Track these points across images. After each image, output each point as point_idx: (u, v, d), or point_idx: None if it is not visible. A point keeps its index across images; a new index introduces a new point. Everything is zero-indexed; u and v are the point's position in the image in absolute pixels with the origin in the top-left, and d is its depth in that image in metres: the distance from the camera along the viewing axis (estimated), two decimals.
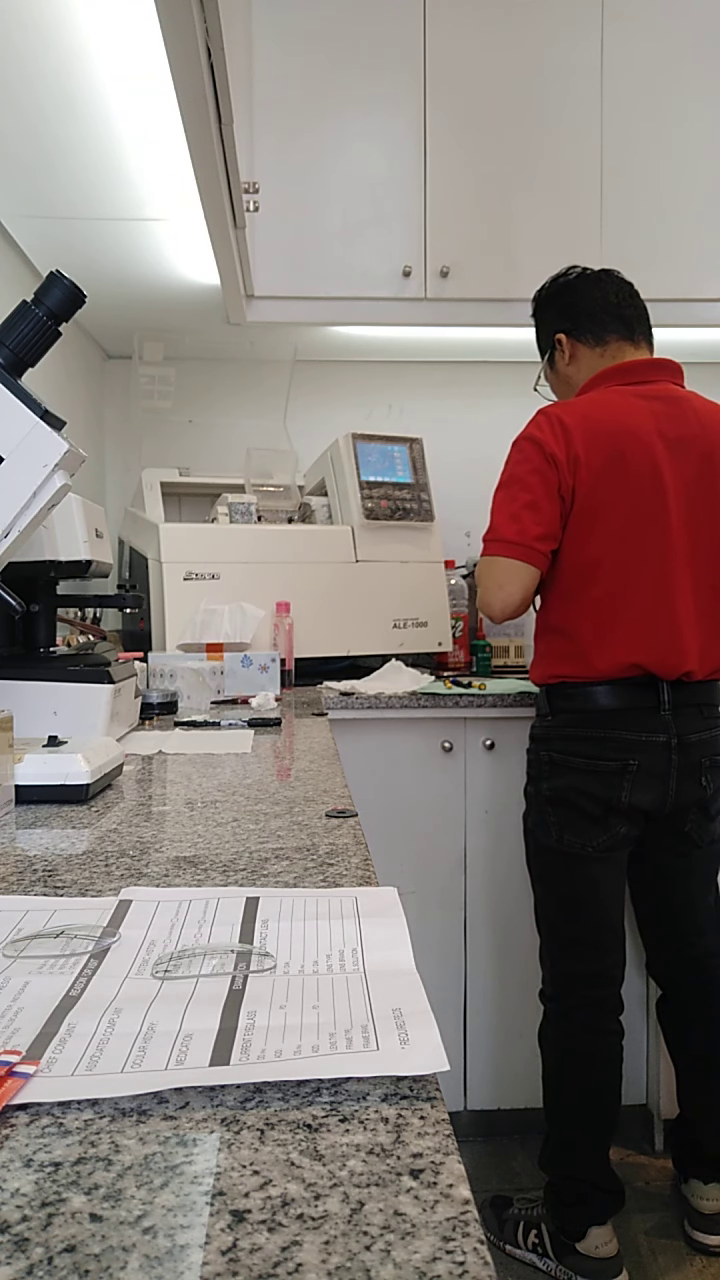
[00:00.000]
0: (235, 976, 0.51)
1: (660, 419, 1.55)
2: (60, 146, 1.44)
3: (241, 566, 2.07)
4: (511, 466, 1.58)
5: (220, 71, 1.24)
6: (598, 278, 1.70)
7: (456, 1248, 0.30)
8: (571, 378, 1.71)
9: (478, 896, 1.99)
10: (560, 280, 1.74)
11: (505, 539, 1.54)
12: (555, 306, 1.73)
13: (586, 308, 1.68)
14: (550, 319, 1.74)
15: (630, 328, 1.67)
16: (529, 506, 1.53)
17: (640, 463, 1.52)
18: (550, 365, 1.76)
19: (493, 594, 1.55)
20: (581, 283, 1.71)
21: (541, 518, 1.53)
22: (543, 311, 1.77)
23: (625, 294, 1.69)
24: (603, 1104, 1.61)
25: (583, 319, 1.68)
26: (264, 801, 0.95)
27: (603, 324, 1.66)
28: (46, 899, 0.65)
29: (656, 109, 2.30)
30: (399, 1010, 0.46)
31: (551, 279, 1.76)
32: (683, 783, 1.54)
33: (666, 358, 1.66)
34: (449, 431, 2.68)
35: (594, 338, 1.67)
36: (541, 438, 1.54)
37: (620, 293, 1.68)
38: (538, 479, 1.53)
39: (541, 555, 1.53)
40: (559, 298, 1.73)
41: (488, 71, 2.27)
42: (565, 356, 1.71)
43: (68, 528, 1.30)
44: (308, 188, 2.25)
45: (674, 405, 1.58)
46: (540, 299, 1.78)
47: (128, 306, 2.25)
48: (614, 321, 1.66)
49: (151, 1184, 0.34)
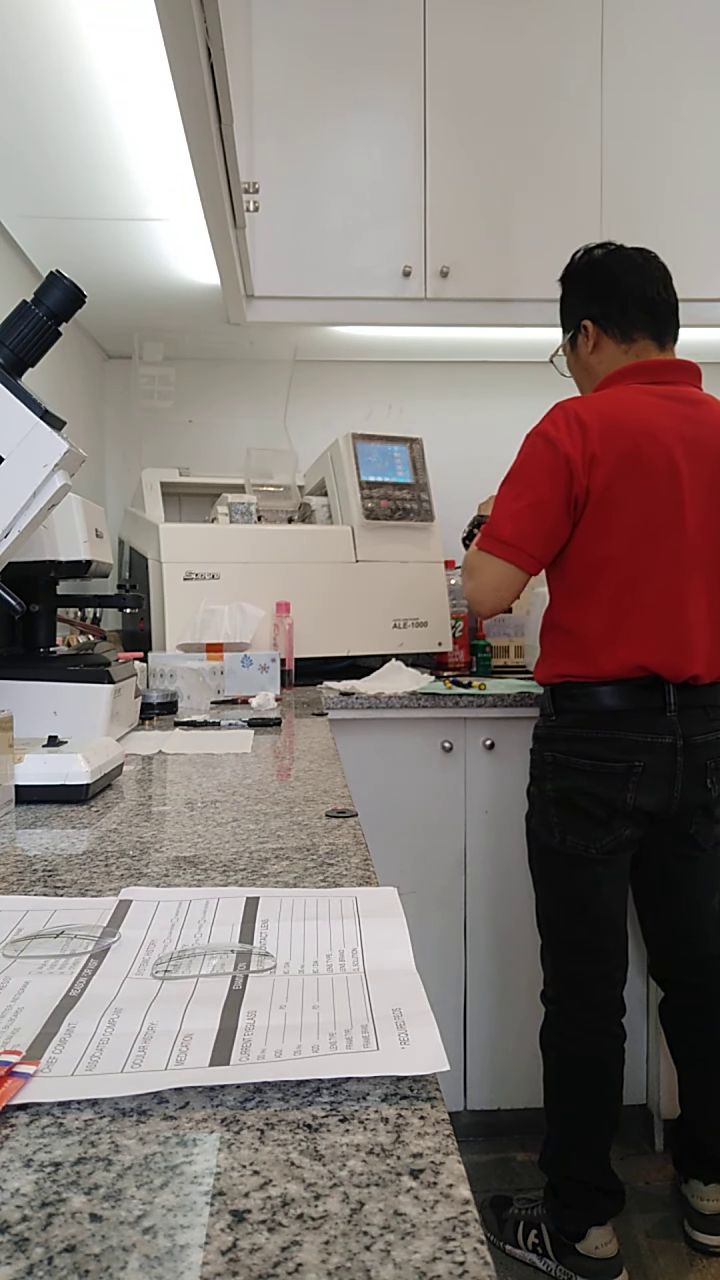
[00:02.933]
0: (235, 976, 0.51)
1: (679, 420, 1.53)
2: (60, 146, 1.44)
3: (241, 566, 2.07)
4: (521, 460, 1.56)
5: (220, 72, 1.24)
6: (637, 264, 1.60)
7: (456, 1248, 0.30)
8: (592, 368, 1.65)
9: (478, 896, 1.99)
10: (597, 255, 1.64)
11: (502, 539, 1.54)
12: (587, 286, 1.64)
13: (619, 299, 1.60)
14: (579, 298, 1.65)
15: (660, 329, 1.60)
16: (531, 507, 1.52)
17: (657, 463, 1.49)
18: (571, 346, 1.69)
19: (486, 594, 1.58)
20: (619, 265, 1.61)
21: (542, 520, 1.51)
22: (573, 285, 1.67)
23: (661, 286, 1.60)
24: (603, 1106, 1.60)
25: (613, 310, 1.60)
26: (264, 801, 0.95)
27: (633, 320, 1.59)
28: (46, 899, 0.65)
29: (657, 109, 2.30)
30: (399, 1010, 0.46)
31: (587, 250, 1.65)
32: (688, 785, 1.53)
33: (687, 359, 1.62)
34: (449, 431, 2.68)
35: (621, 333, 1.61)
36: (556, 436, 1.51)
37: (657, 285, 1.60)
38: (545, 480, 1.51)
39: (534, 560, 1.54)
40: (593, 276, 1.63)
41: (488, 72, 2.27)
42: (589, 345, 1.64)
43: (68, 528, 1.30)
44: (307, 188, 2.25)
45: (694, 407, 1.55)
46: (573, 271, 1.67)
47: (128, 306, 2.25)
48: (645, 319, 1.59)
49: (151, 1184, 0.34)
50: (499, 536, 1.54)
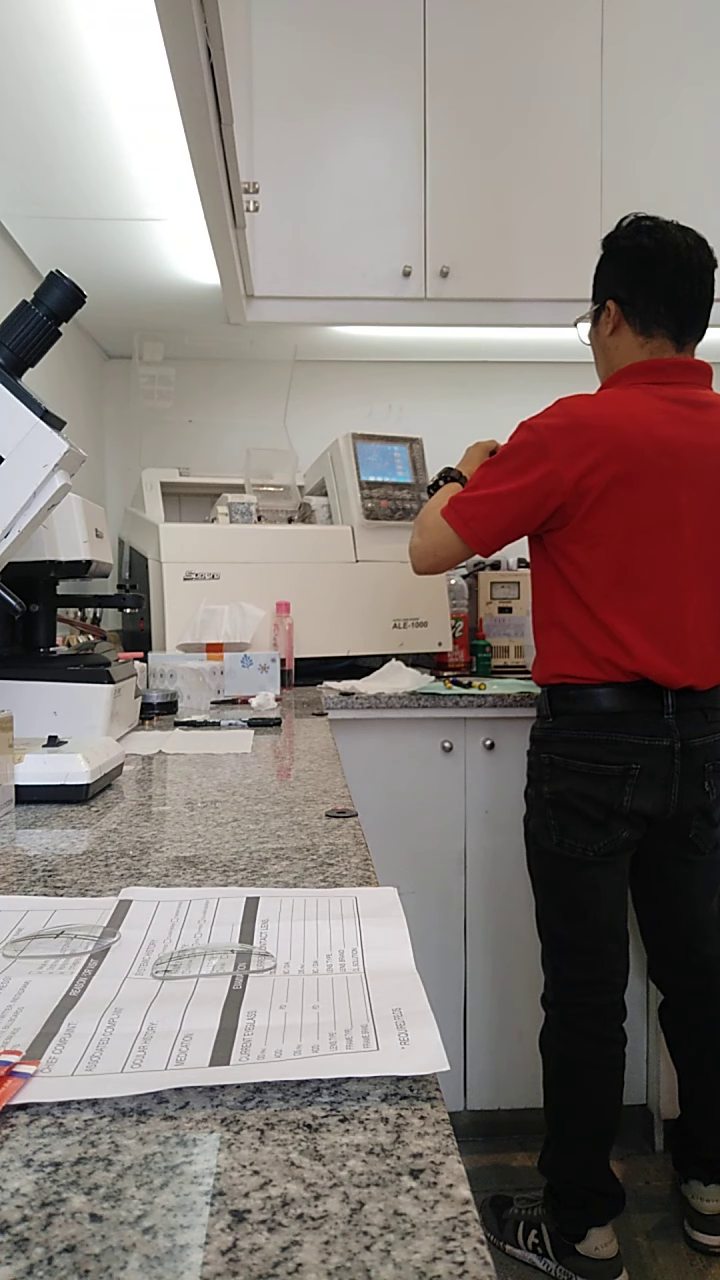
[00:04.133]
0: (235, 976, 0.51)
1: (682, 424, 1.52)
2: (60, 146, 1.44)
3: (241, 566, 2.07)
4: (508, 449, 1.56)
5: (220, 71, 1.24)
6: (680, 254, 1.54)
7: (456, 1248, 0.30)
8: (609, 351, 1.63)
9: (478, 896, 1.99)
10: (643, 232, 1.57)
11: (463, 516, 1.56)
12: (623, 264, 1.58)
13: (646, 290, 1.55)
14: (612, 273, 1.61)
15: (680, 331, 1.57)
16: (499, 498, 1.53)
17: (657, 469, 1.49)
18: (594, 321, 1.66)
19: (426, 555, 1.65)
20: (660, 253, 1.55)
21: (504, 513, 1.53)
22: (610, 256, 1.62)
23: (698, 283, 1.55)
24: (603, 1111, 1.60)
25: (639, 299, 1.56)
26: (264, 801, 0.95)
27: (655, 316, 1.56)
28: (46, 899, 0.65)
29: (657, 109, 2.30)
30: (399, 1010, 0.46)
31: (636, 221, 1.58)
32: (685, 787, 1.53)
33: (699, 359, 1.59)
34: (449, 431, 2.68)
35: (641, 325, 1.57)
36: (548, 440, 1.50)
37: (694, 281, 1.54)
38: (520, 477, 1.51)
39: (485, 546, 1.58)
40: (628, 255, 1.57)
41: (488, 72, 2.27)
42: (609, 326, 1.60)
43: (68, 528, 1.30)
44: (308, 187, 2.25)
45: (699, 411, 1.54)
46: (615, 241, 1.61)
47: (128, 306, 2.25)
48: (668, 318, 1.56)
49: (151, 1184, 0.34)
50: (462, 513, 1.56)
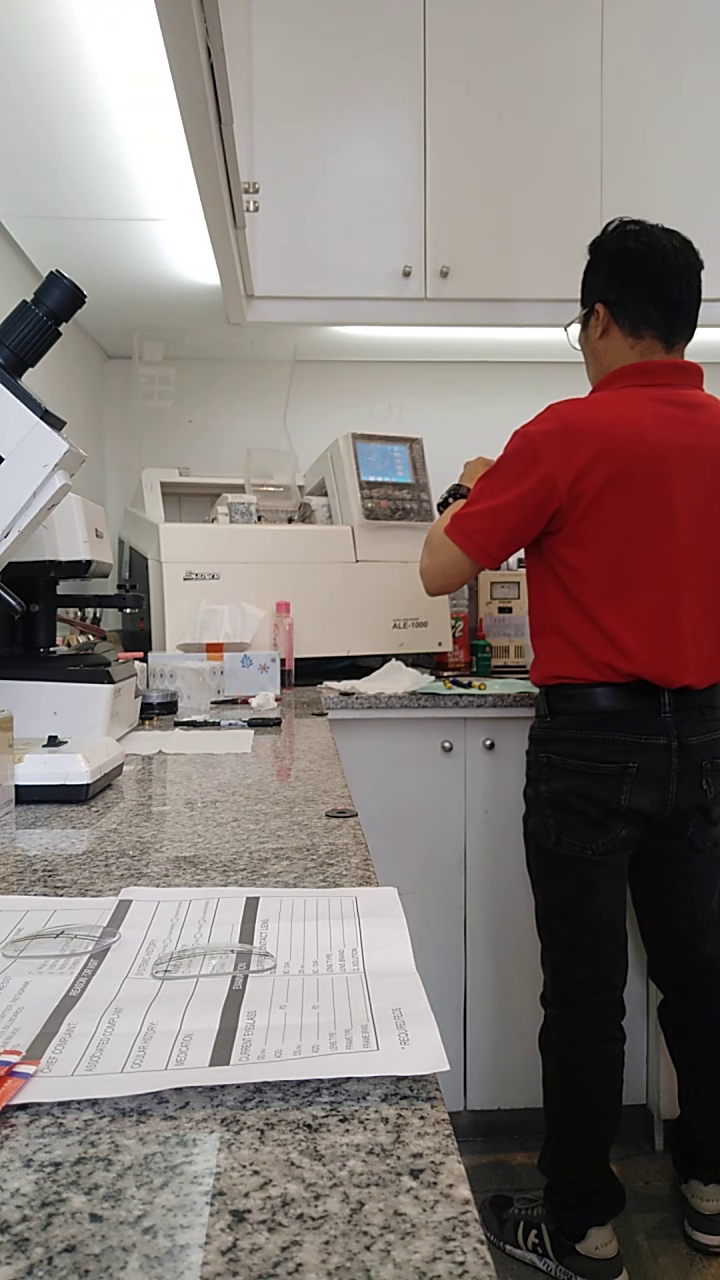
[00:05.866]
0: (235, 976, 0.51)
1: (674, 425, 1.52)
2: (60, 146, 1.44)
3: (241, 566, 2.07)
4: (503, 459, 1.57)
5: (220, 72, 1.24)
6: (667, 256, 1.55)
7: (456, 1248, 0.30)
8: (599, 354, 1.63)
9: (478, 896, 1.99)
10: (629, 235, 1.58)
11: (466, 531, 1.59)
12: (610, 268, 1.59)
13: (634, 291, 1.56)
14: (600, 278, 1.61)
15: (670, 332, 1.57)
16: (498, 510, 1.55)
17: (649, 472, 1.49)
18: (584, 325, 1.66)
19: (436, 575, 1.68)
20: (647, 255, 1.56)
21: (504, 524, 1.56)
22: (597, 260, 1.63)
23: (685, 284, 1.56)
24: (603, 1110, 1.60)
25: (627, 301, 1.57)
26: (264, 801, 0.95)
27: (644, 318, 1.56)
28: (46, 899, 0.65)
29: (657, 107, 2.30)
30: (399, 1010, 0.46)
31: (621, 225, 1.60)
32: (683, 786, 1.53)
33: (689, 361, 1.60)
34: (449, 431, 2.68)
35: (631, 327, 1.58)
36: (541, 445, 1.51)
37: (681, 283, 1.56)
38: (516, 486, 1.52)
39: (490, 558, 1.60)
40: (615, 260, 1.59)
41: (488, 73, 2.27)
42: (599, 329, 1.61)
43: (68, 528, 1.30)
44: (307, 187, 2.25)
45: (690, 412, 1.54)
46: (601, 246, 1.62)
47: (128, 306, 2.25)
48: (657, 319, 1.56)
49: (151, 1184, 0.34)
50: (465, 529, 1.59)
